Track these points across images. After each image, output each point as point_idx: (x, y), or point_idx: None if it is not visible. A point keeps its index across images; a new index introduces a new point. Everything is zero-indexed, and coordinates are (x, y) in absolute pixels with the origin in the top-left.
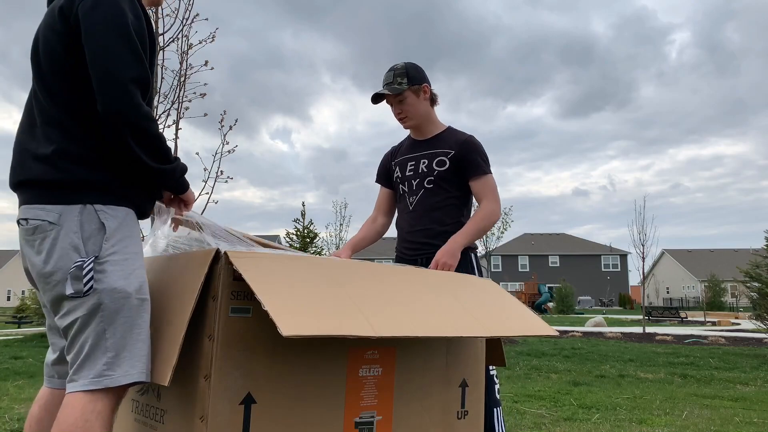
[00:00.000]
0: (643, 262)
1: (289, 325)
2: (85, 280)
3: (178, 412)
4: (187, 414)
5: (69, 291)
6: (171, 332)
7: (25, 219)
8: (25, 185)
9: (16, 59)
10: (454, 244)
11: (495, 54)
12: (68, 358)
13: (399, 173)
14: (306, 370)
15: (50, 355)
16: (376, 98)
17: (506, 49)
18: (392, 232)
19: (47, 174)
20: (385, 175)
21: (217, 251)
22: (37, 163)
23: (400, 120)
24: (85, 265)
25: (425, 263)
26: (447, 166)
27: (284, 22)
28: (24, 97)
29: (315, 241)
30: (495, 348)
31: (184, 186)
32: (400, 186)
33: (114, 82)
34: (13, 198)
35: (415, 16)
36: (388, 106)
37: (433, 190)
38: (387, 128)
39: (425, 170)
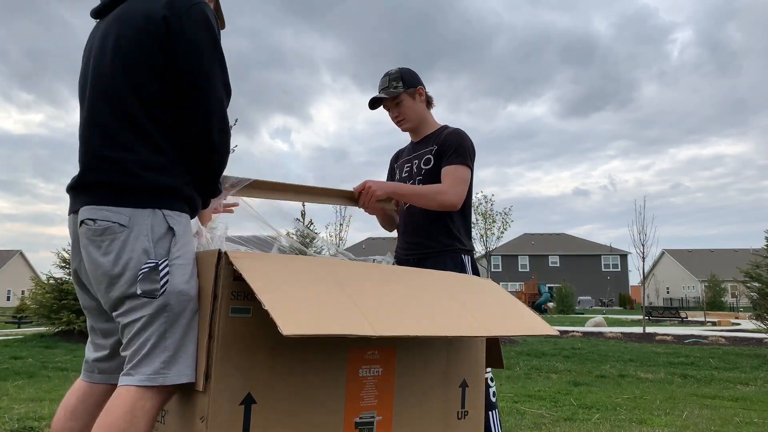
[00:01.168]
0: (643, 262)
1: (289, 325)
2: (162, 282)
3: (179, 412)
4: (188, 414)
5: (140, 291)
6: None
7: (93, 219)
8: (94, 186)
9: (15, 59)
10: (388, 183)
11: (496, 53)
12: (125, 353)
13: (398, 176)
14: (306, 370)
15: (91, 353)
16: (374, 103)
17: (507, 49)
18: (390, 232)
19: (119, 178)
20: (390, 177)
21: (219, 252)
22: (110, 166)
23: (397, 123)
24: (160, 267)
25: (416, 263)
26: (432, 163)
27: (285, 21)
28: (23, 96)
29: (315, 241)
30: (493, 350)
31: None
32: None
33: (219, 114)
34: (13, 198)
35: (416, 16)
36: (386, 111)
37: None
38: (387, 128)
39: (416, 171)
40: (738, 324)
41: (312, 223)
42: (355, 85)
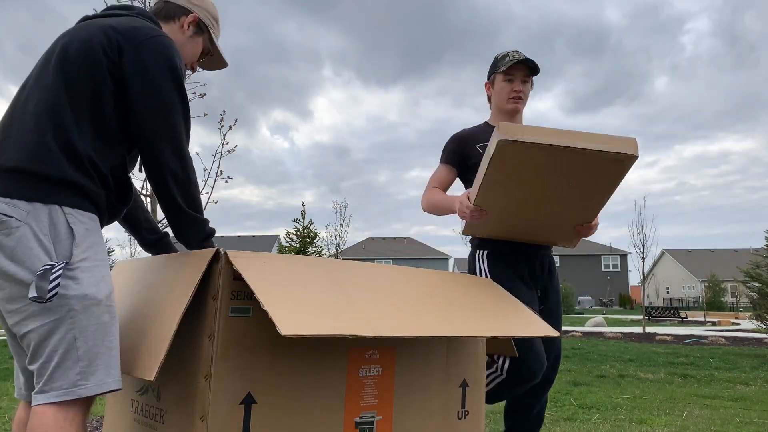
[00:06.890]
0: (643, 262)
1: (288, 325)
2: (51, 285)
3: (178, 412)
4: (188, 414)
5: (32, 294)
6: (163, 329)
7: None
8: None
9: (9, 53)
10: None
11: (504, 45)
12: (32, 368)
13: (479, 159)
14: (306, 370)
15: (20, 376)
16: (517, 66)
17: (516, 40)
18: (391, 232)
19: (21, 163)
20: (458, 157)
21: (217, 251)
22: (11, 153)
23: (514, 99)
24: (54, 270)
25: (543, 254)
26: None
27: (288, 14)
28: (15, 90)
29: (315, 241)
30: (505, 340)
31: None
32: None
33: (172, 140)
34: None
35: (422, 6)
36: (393, 102)
37: None
38: (386, 124)
39: None
40: (738, 324)
41: (312, 223)
42: (358, 79)
